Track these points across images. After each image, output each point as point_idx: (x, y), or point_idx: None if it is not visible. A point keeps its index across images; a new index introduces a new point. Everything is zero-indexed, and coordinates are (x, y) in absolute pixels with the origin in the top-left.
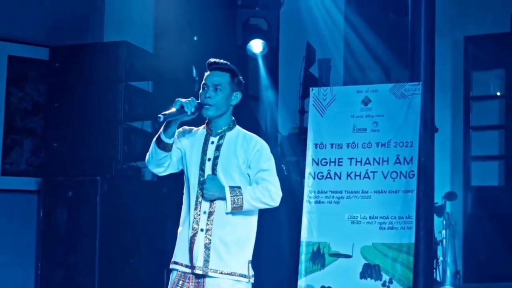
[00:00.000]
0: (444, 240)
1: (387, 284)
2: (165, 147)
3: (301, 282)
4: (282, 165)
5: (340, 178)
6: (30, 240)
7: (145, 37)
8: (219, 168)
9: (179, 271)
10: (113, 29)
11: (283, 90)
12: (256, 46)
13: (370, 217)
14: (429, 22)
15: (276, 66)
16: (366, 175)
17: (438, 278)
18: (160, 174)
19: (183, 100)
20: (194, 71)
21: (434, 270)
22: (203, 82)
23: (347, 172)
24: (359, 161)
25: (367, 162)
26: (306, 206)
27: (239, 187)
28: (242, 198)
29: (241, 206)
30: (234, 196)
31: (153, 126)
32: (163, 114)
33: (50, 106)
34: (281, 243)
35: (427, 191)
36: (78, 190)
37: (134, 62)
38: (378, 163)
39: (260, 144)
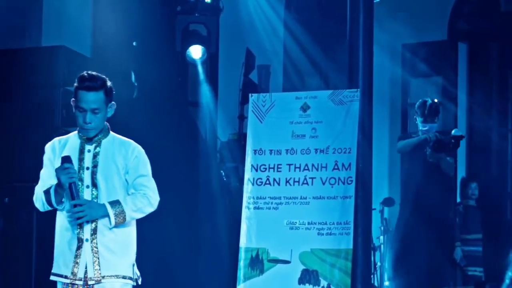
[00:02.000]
0: (382, 246)
1: None
2: (56, 206)
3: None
4: (221, 171)
5: (279, 184)
6: None
7: (83, 42)
8: (99, 177)
9: (64, 283)
10: (52, 33)
11: (223, 96)
12: (196, 52)
13: (308, 223)
14: (367, 30)
15: (216, 72)
16: (305, 181)
17: (376, 283)
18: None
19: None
20: (133, 76)
21: (372, 276)
22: (78, 103)
23: (286, 178)
24: (298, 167)
25: (306, 168)
26: (245, 212)
27: (118, 202)
28: (124, 212)
29: (124, 219)
30: (116, 211)
31: None
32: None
33: None
34: (219, 249)
35: (365, 197)
36: (14, 196)
37: (72, 67)
38: (317, 169)
39: (137, 150)
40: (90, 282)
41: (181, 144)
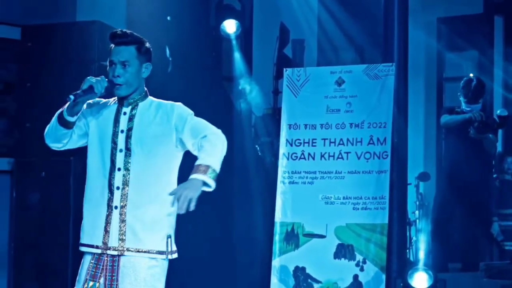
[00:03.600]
0: (417, 221)
1: (360, 264)
2: (67, 124)
3: (275, 262)
4: (256, 146)
5: (314, 158)
6: (3, 221)
7: (117, 16)
8: (133, 140)
9: (93, 254)
10: (86, 8)
11: (257, 70)
12: (230, 26)
13: (344, 198)
14: (402, 3)
15: (250, 47)
16: (340, 156)
17: (411, 258)
18: (57, 149)
19: (93, 79)
20: (168, 51)
21: (408, 250)
22: (109, 58)
23: (321, 153)
24: (332, 142)
25: (341, 142)
26: (280, 187)
27: (200, 165)
28: (216, 170)
29: (216, 172)
30: (212, 176)
31: None
32: (73, 95)
33: (23, 86)
34: (255, 224)
35: (401, 171)
36: (51, 170)
37: (106, 42)
38: (352, 144)
39: (176, 106)
40: (113, 253)
41: (216, 119)
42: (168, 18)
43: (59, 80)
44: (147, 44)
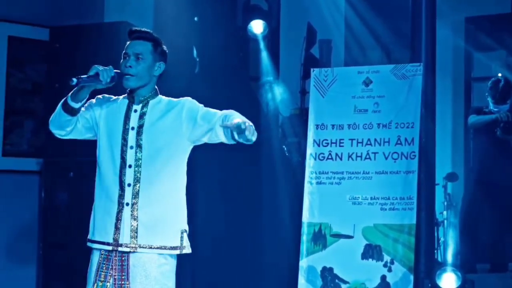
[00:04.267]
0: (445, 221)
1: (388, 264)
2: (71, 111)
3: (303, 262)
4: (283, 146)
5: (341, 159)
6: (32, 220)
7: (145, 17)
8: (144, 137)
9: (102, 251)
10: (114, 9)
11: (284, 71)
12: (257, 27)
13: (371, 198)
14: (430, 3)
15: (277, 47)
16: (367, 156)
17: (439, 259)
18: (61, 137)
19: (100, 67)
20: (195, 51)
21: (436, 251)
22: (124, 51)
23: (348, 153)
24: (360, 142)
25: (368, 143)
26: (307, 187)
27: (228, 115)
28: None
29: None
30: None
31: None
32: (76, 78)
33: (51, 87)
34: (282, 224)
35: (428, 172)
36: (79, 171)
37: None
38: (379, 144)
39: (185, 100)
40: (124, 249)
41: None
42: (195, 18)
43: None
44: (164, 46)
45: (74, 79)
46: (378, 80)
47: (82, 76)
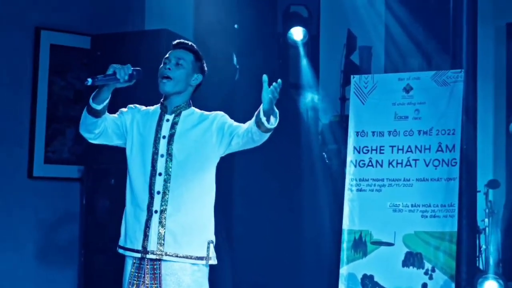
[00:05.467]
0: (487, 229)
1: (429, 272)
2: (94, 113)
3: (343, 270)
4: (323, 153)
5: (381, 166)
6: (73, 228)
7: (185, 25)
8: (175, 146)
9: (134, 259)
10: (154, 17)
11: (324, 77)
12: (297, 33)
13: (412, 205)
14: (471, 9)
15: (317, 54)
16: (408, 163)
17: (481, 267)
18: (90, 141)
19: (117, 65)
20: (235, 59)
21: (477, 259)
22: (165, 57)
23: (389, 160)
24: (400, 149)
25: (409, 150)
26: (347, 194)
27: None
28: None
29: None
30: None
31: None
32: (92, 78)
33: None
34: (322, 231)
35: (470, 179)
36: (120, 178)
37: None
38: (420, 151)
39: (217, 114)
40: (151, 256)
41: (283, 126)
42: (236, 26)
43: (127, 88)
44: (204, 64)
45: (90, 79)
46: (419, 86)
47: (98, 76)
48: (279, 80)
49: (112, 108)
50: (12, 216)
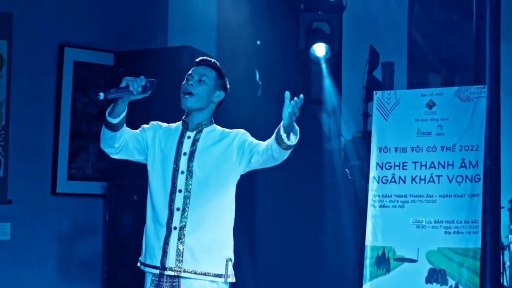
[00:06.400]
0: (510, 245)
1: None
2: (112, 127)
3: (366, 286)
4: (346, 169)
5: (404, 182)
6: (96, 244)
7: (208, 41)
8: (195, 163)
9: (153, 277)
10: (177, 33)
11: (346, 93)
12: (319, 50)
13: (435, 221)
14: (494, 24)
15: (339, 70)
16: (431, 179)
17: (505, 283)
18: (111, 155)
19: (130, 78)
20: (257, 75)
21: (501, 275)
22: (188, 73)
23: (412, 176)
24: (423, 165)
25: (432, 166)
26: (370, 210)
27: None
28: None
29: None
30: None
31: None
32: (103, 92)
33: None
34: (345, 248)
35: (493, 195)
36: (143, 194)
37: None
38: (443, 167)
39: (238, 131)
40: (169, 273)
41: (305, 142)
42: (258, 42)
43: (151, 105)
44: (227, 81)
45: (101, 94)
46: (442, 102)
47: (110, 90)
48: (301, 96)
49: (137, 124)
50: (35, 232)
